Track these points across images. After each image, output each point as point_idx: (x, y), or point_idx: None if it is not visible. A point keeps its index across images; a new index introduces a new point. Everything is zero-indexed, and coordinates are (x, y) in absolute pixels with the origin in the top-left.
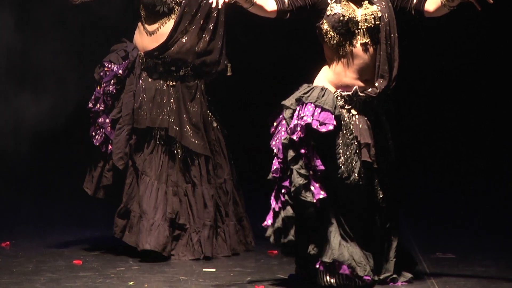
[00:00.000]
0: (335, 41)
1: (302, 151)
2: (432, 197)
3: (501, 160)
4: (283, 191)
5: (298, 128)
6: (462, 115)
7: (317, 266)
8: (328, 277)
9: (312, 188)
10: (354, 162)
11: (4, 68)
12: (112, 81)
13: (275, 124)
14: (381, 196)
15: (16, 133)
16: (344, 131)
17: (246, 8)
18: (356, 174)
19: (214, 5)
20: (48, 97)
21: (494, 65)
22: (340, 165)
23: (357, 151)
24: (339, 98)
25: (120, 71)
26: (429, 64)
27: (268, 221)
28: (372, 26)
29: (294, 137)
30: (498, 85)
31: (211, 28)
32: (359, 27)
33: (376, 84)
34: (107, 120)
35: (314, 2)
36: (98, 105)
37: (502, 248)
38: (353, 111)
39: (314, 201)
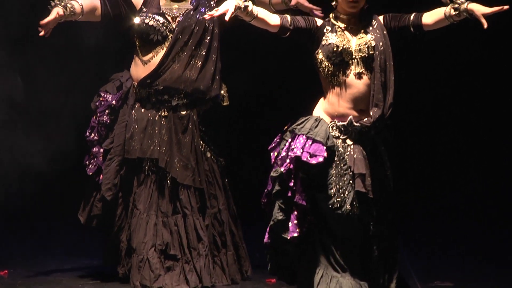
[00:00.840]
0: (329, 71)
1: (291, 184)
2: (430, 225)
3: (500, 186)
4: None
5: (288, 160)
6: (463, 137)
7: None
8: None
9: (289, 224)
10: (347, 193)
11: (6, 109)
12: (106, 111)
13: (275, 154)
14: (378, 227)
15: (17, 166)
16: (338, 162)
17: (248, 21)
18: (349, 205)
19: (218, 12)
20: (50, 135)
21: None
22: (332, 195)
23: (351, 182)
24: (334, 128)
25: (114, 102)
26: (426, 76)
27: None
28: (366, 56)
29: (282, 169)
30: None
31: (203, 53)
32: (353, 57)
33: (371, 113)
34: (101, 150)
35: (314, 28)
36: (92, 134)
37: (500, 277)
38: (349, 141)
39: (288, 238)
